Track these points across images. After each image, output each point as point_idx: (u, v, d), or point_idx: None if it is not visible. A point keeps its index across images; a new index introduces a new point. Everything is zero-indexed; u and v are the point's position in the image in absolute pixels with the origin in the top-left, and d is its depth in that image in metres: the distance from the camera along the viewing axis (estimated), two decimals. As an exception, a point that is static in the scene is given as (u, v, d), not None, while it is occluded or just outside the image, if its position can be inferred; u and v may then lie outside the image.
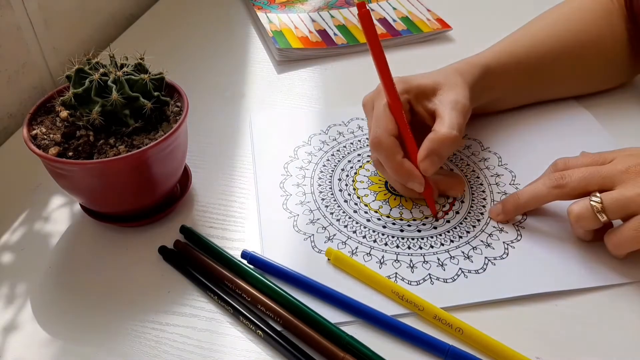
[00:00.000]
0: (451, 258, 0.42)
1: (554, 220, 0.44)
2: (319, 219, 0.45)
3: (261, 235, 0.44)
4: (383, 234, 0.44)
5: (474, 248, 0.43)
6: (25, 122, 0.42)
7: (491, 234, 0.44)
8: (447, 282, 0.40)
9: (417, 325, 0.37)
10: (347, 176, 0.50)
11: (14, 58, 0.58)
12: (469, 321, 0.37)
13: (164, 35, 0.73)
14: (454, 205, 0.47)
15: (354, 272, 0.41)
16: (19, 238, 0.45)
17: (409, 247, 0.43)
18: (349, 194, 0.48)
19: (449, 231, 0.44)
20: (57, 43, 0.64)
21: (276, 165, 0.51)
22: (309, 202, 0.47)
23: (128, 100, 0.40)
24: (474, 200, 0.47)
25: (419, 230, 0.44)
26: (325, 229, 0.45)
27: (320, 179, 0.49)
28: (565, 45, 0.54)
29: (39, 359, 0.36)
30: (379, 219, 0.45)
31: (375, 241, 0.43)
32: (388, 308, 0.38)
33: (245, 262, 0.41)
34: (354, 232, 0.44)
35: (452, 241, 0.43)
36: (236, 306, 0.38)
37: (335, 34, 0.70)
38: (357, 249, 0.43)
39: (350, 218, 0.46)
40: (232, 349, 0.37)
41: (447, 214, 0.46)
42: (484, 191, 0.48)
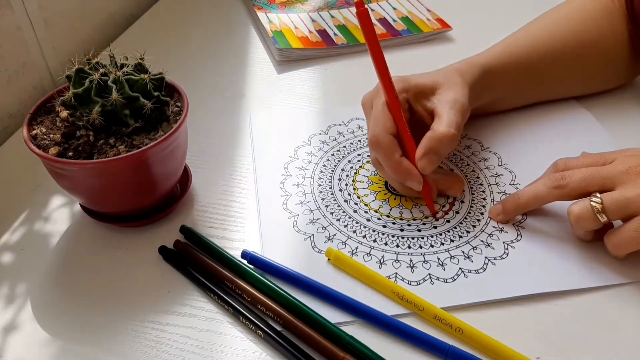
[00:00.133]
0: (451, 258, 0.42)
1: (554, 220, 0.44)
2: (319, 218, 0.45)
3: (261, 235, 0.44)
4: (383, 234, 0.44)
5: (474, 248, 0.43)
6: (25, 122, 0.42)
7: (491, 234, 0.44)
8: (447, 282, 0.40)
9: (417, 325, 0.37)
10: (347, 176, 0.50)
11: (14, 58, 0.58)
12: (469, 321, 0.37)
13: (164, 35, 0.73)
14: (454, 205, 0.47)
15: (354, 272, 0.41)
16: (19, 238, 0.45)
17: (409, 247, 0.43)
18: (349, 194, 0.48)
19: (449, 231, 0.44)
20: (57, 43, 0.64)
21: (276, 165, 0.51)
22: (309, 202, 0.47)
23: (128, 100, 0.40)
24: (474, 200, 0.47)
25: (419, 230, 0.44)
26: (325, 228, 0.45)
27: (320, 179, 0.49)
28: (566, 45, 0.54)
29: (39, 359, 0.36)
30: (379, 218, 0.45)
31: (375, 241, 0.43)
32: (388, 308, 0.38)
33: (245, 262, 0.41)
34: (354, 232, 0.44)
35: (452, 241, 0.43)
36: (236, 306, 0.38)
37: (335, 34, 0.70)
38: (357, 248, 0.43)
39: (350, 218, 0.46)
40: (232, 349, 0.37)
41: (447, 213, 0.46)
42: (484, 191, 0.48)
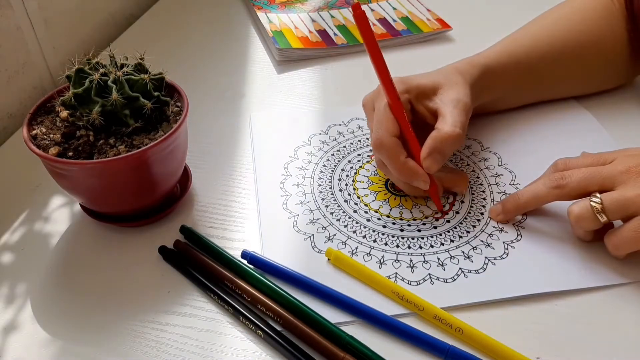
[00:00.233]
0: (451, 258, 0.42)
1: (554, 220, 0.44)
2: (319, 219, 0.45)
3: (261, 235, 0.44)
4: (383, 234, 0.44)
5: (474, 248, 0.43)
6: (25, 122, 0.42)
7: (491, 234, 0.44)
8: (447, 282, 0.40)
9: (417, 325, 0.37)
10: (347, 176, 0.50)
11: (14, 58, 0.58)
12: (469, 321, 0.37)
13: (164, 35, 0.73)
14: (454, 205, 0.47)
15: (354, 272, 0.41)
16: (19, 238, 0.45)
17: (409, 247, 0.43)
18: (349, 194, 0.48)
19: (449, 231, 0.44)
20: (57, 43, 0.64)
21: (276, 165, 0.51)
22: (309, 202, 0.47)
23: (128, 100, 0.40)
24: (474, 200, 0.47)
25: (419, 230, 0.44)
26: (325, 229, 0.45)
27: (320, 179, 0.49)
28: (566, 45, 0.54)
29: (38, 359, 0.36)
30: (379, 218, 0.45)
31: (375, 241, 0.43)
32: (388, 308, 0.38)
33: (245, 262, 0.41)
34: (354, 232, 0.44)
35: (452, 241, 0.43)
36: (236, 306, 0.38)
37: (335, 34, 0.70)
38: (357, 249, 0.43)
39: (350, 218, 0.46)
40: (232, 349, 0.37)
41: (447, 214, 0.46)
42: (484, 191, 0.48)
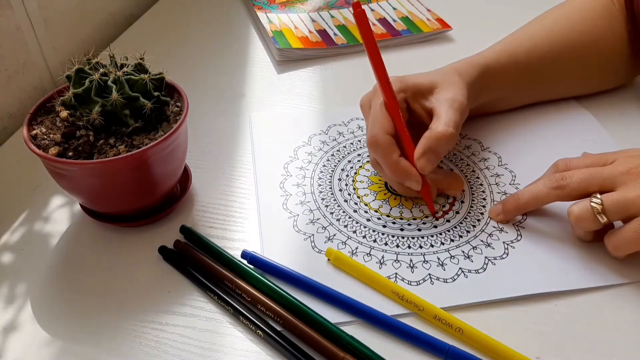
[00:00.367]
0: (451, 258, 0.42)
1: (554, 220, 0.44)
2: (319, 219, 0.45)
3: (261, 235, 0.44)
4: (383, 234, 0.44)
5: (474, 248, 0.43)
6: (25, 122, 0.42)
7: (491, 234, 0.44)
8: (447, 282, 0.40)
9: (417, 325, 0.37)
10: (347, 176, 0.50)
11: (14, 58, 0.58)
12: (469, 321, 0.37)
13: (164, 35, 0.73)
14: (454, 205, 0.47)
15: (354, 272, 0.41)
16: (19, 238, 0.45)
17: (409, 247, 0.43)
18: (349, 194, 0.48)
19: (449, 230, 0.44)
20: (57, 43, 0.64)
21: (276, 165, 0.51)
22: (309, 202, 0.47)
23: (128, 100, 0.40)
24: (474, 200, 0.47)
25: (419, 230, 0.44)
26: (325, 229, 0.45)
27: (320, 179, 0.49)
28: (566, 45, 0.54)
29: (38, 359, 0.36)
30: (379, 218, 0.45)
31: (375, 241, 0.43)
32: (388, 308, 0.38)
33: (245, 262, 0.41)
34: (354, 232, 0.44)
35: (453, 240, 0.43)
36: (236, 306, 0.38)
37: (335, 34, 0.70)
38: (357, 249, 0.43)
39: (350, 218, 0.46)
40: (232, 349, 0.37)
41: (447, 213, 0.46)
42: (484, 191, 0.48)
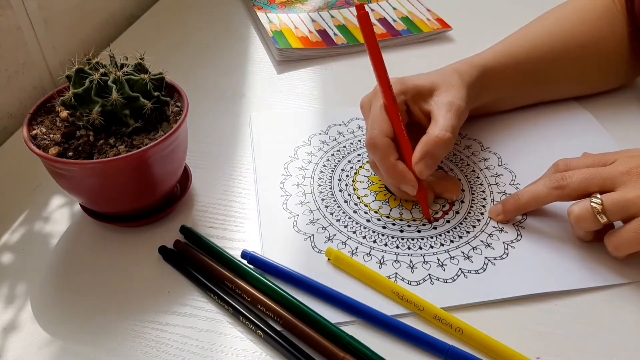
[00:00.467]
0: (451, 258, 0.42)
1: (554, 220, 0.44)
2: (319, 219, 0.45)
3: (261, 235, 0.44)
4: (383, 235, 0.44)
5: (474, 248, 0.43)
6: (25, 122, 0.42)
7: (491, 234, 0.44)
8: (447, 282, 0.40)
9: (417, 325, 0.37)
10: (347, 176, 0.50)
11: (14, 58, 0.58)
12: (469, 321, 0.37)
13: (164, 35, 0.73)
14: (454, 205, 0.47)
15: (354, 272, 0.41)
16: (19, 238, 0.45)
17: (409, 248, 0.43)
18: (349, 194, 0.48)
19: (448, 231, 0.44)
20: (57, 43, 0.64)
21: (276, 165, 0.51)
22: (309, 202, 0.47)
23: (128, 100, 0.40)
24: (474, 201, 0.47)
25: (419, 231, 0.44)
26: (325, 229, 0.45)
27: (320, 179, 0.49)
28: (566, 46, 0.54)
29: (38, 359, 0.36)
30: (379, 219, 0.45)
31: (375, 241, 0.43)
32: (388, 308, 0.38)
33: (245, 262, 0.41)
34: (354, 232, 0.44)
35: (452, 241, 0.43)
36: (236, 306, 0.38)
37: (335, 34, 0.70)
38: (357, 249, 0.43)
39: (350, 218, 0.46)
40: (232, 349, 0.37)
41: (447, 214, 0.46)
42: (484, 191, 0.48)
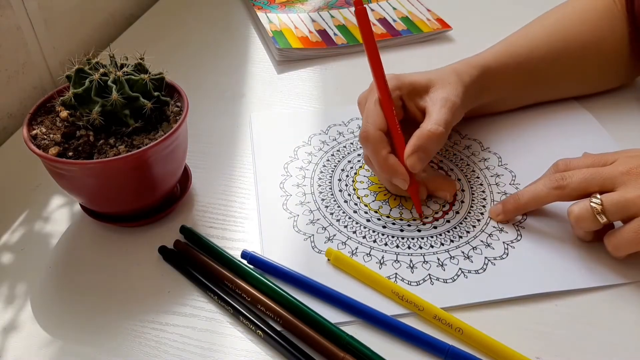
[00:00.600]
0: (451, 258, 0.42)
1: (554, 220, 0.44)
2: (319, 219, 0.45)
3: (261, 236, 0.44)
4: (383, 234, 0.44)
5: (474, 248, 0.43)
6: (25, 122, 0.42)
7: (491, 234, 0.44)
8: (447, 282, 0.40)
9: (417, 325, 0.37)
10: (347, 176, 0.50)
11: (14, 58, 0.58)
12: (469, 321, 0.37)
13: (164, 35, 0.73)
14: (454, 205, 0.47)
15: (354, 272, 0.41)
16: (19, 238, 0.45)
17: (409, 247, 0.43)
18: (349, 194, 0.48)
19: (449, 231, 0.44)
20: (57, 43, 0.64)
21: (276, 166, 0.51)
22: (309, 202, 0.47)
23: (128, 100, 0.40)
24: (474, 200, 0.47)
25: (419, 230, 0.44)
26: (325, 229, 0.45)
27: (320, 179, 0.49)
28: (566, 46, 0.54)
29: (38, 359, 0.36)
30: (378, 219, 0.45)
31: (375, 241, 0.43)
32: (388, 308, 0.38)
33: (245, 262, 0.41)
34: (354, 232, 0.44)
35: (452, 241, 0.43)
36: (236, 306, 0.38)
37: (335, 34, 0.70)
38: (357, 249, 0.43)
39: (350, 218, 0.46)
40: (232, 349, 0.37)
41: (447, 213, 0.46)
42: (484, 191, 0.48)
